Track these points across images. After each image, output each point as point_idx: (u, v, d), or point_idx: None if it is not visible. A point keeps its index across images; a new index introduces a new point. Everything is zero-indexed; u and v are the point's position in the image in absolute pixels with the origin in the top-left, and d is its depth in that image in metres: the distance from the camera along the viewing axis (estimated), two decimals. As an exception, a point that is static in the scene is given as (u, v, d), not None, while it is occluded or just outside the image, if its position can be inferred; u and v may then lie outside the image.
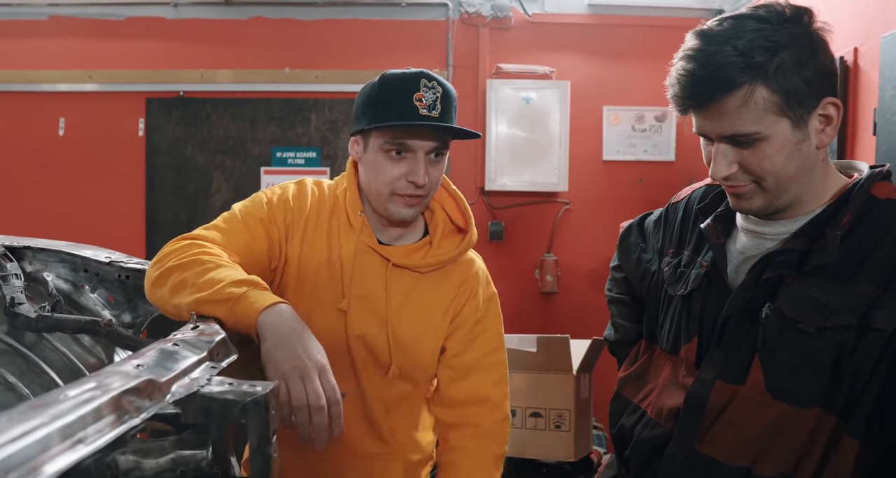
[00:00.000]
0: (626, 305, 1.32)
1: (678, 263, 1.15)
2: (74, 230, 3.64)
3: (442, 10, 3.62)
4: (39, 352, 1.33)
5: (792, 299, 0.95)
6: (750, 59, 0.92)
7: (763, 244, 1.03)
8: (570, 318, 3.61)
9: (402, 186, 1.22)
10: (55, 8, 3.69)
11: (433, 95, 1.19)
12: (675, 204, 1.24)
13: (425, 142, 1.20)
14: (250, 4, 3.65)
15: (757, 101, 0.92)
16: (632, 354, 1.28)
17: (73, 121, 3.72)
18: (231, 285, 1.06)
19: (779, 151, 0.95)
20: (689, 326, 1.08)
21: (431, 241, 1.32)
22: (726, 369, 1.00)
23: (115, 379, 0.69)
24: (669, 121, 3.61)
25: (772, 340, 0.96)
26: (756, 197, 0.99)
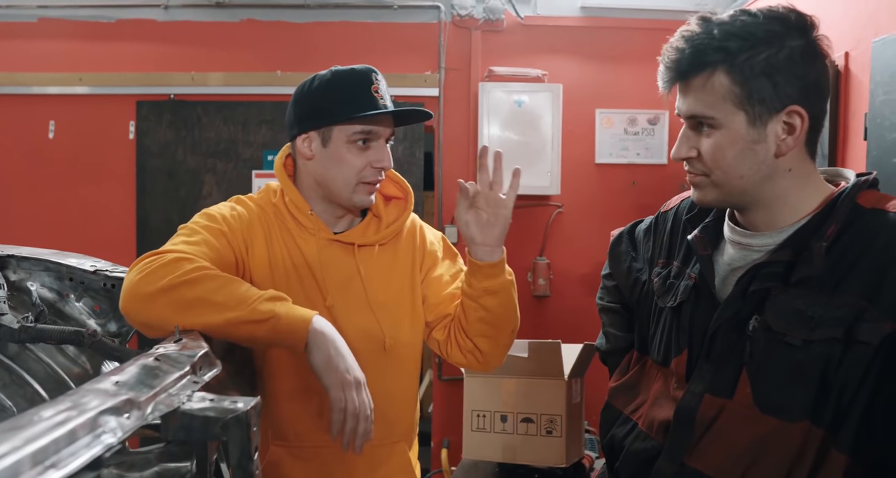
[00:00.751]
0: (618, 313, 1.32)
1: (667, 274, 1.14)
2: (64, 233, 3.63)
3: (434, 12, 3.61)
4: (23, 363, 1.32)
5: (778, 312, 0.95)
6: (722, 43, 0.95)
7: (750, 256, 1.02)
8: (562, 321, 3.60)
9: (369, 174, 1.31)
10: (44, 10, 3.66)
11: (383, 86, 1.34)
12: (664, 213, 1.23)
13: (387, 129, 1.34)
14: (241, 7, 3.63)
15: (716, 86, 0.95)
16: (623, 363, 1.27)
17: (63, 123, 3.70)
18: (265, 302, 1.10)
19: (731, 145, 0.96)
20: (680, 339, 1.07)
21: (376, 214, 1.41)
22: (715, 383, 1.00)
23: (91, 398, 0.68)
24: (662, 124, 3.61)
25: (759, 354, 0.96)
26: (706, 189, 1.02)
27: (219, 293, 1.09)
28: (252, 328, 1.09)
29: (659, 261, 1.19)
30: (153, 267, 1.10)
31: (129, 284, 1.10)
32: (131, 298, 1.09)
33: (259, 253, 1.29)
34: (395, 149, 3.89)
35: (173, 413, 0.76)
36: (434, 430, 3.60)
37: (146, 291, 1.08)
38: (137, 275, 1.10)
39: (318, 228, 1.33)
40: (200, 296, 1.08)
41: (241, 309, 1.08)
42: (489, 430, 2.52)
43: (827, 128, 2.36)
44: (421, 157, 3.64)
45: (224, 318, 1.07)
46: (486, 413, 2.50)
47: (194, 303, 1.07)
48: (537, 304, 3.65)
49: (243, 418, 0.75)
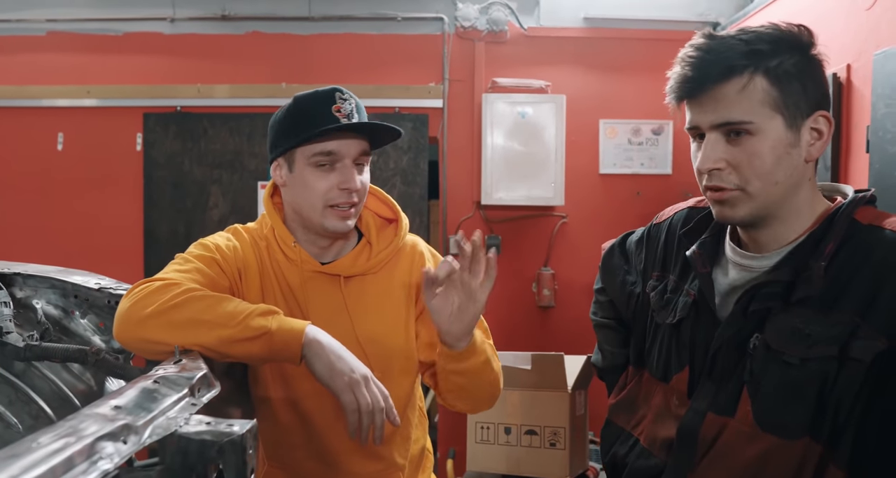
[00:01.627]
0: (613, 329, 1.32)
1: (664, 288, 1.14)
2: (73, 244, 3.67)
3: (437, 24, 3.64)
4: (28, 380, 1.33)
5: (778, 331, 0.95)
6: (753, 46, 0.94)
7: (750, 276, 1.02)
8: (567, 332, 3.60)
9: (336, 196, 1.26)
10: (53, 23, 3.71)
11: (349, 105, 1.25)
12: (657, 225, 1.23)
13: (351, 148, 1.26)
14: (247, 19, 3.66)
15: (755, 90, 0.94)
16: (620, 380, 1.27)
17: (72, 135, 3.74)
18: (257, 318, 1.10)
19: (770, 150, 0.95)
20: (680, 356, 1.08)
21: (369, 240, 1.36)
22: (717, 401, 1.00)
23: (90, 424, 0.69)
24: (666, 134, 3.62)
25: (759, 372, 0.96)
26: (741, 204, 0.98)
27: (208, 312, 1.10)
28: (247, 346, 1.09)
29: (654, 273, 1.19)
30: (143, 294, 1.12)
31: (120, 313, 1.12)
32: (124, 326, 1.11)
33: (252, 283, 1.30)
34: (399, 159, 3.91)
35: (171, 437, 0.77)
36: (440, 440, 3.60)
37: (137, 318, 1.10)
38: (128, 303, 1.12)
39: (302, 260, 1.31)
40: (190, 317, 1.09)
41: (233, 327, 1.09)
42: (493, 442, 2.53)
43: (830, 141, 2.37)
44: (425, 167, 3.65)
45: (216, 336, 1.08)
46: (490, 425, 2.51)
47: (185, 324, 1.09)
48: (542, 314, 3.65)
49: (238, 442, 0.76)
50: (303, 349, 1.11)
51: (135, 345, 1.11)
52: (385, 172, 3.64)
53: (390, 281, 1.36)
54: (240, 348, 1.09)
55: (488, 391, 1.34)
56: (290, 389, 1.31)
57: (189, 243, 1.34)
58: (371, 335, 1.31)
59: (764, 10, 3.01)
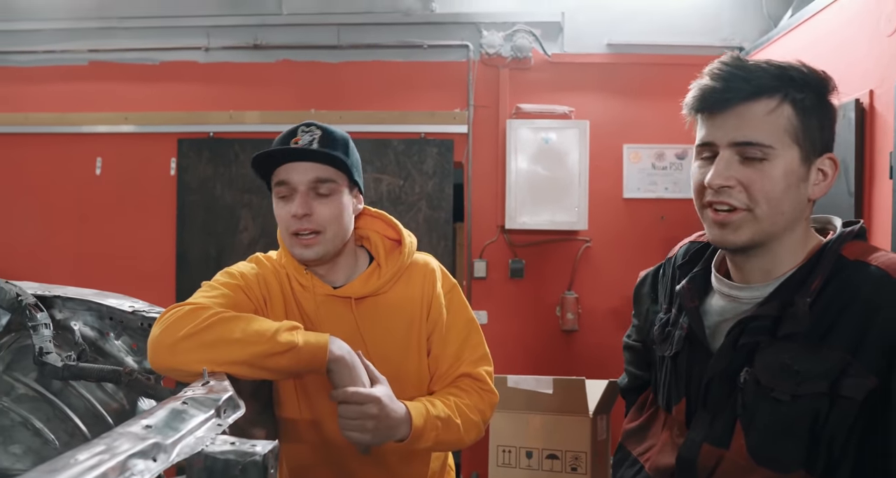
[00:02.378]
0: (637, 352, 1.33)
1: (666, 321, 1.16)
2: (108, 265, 3.78)
3: (463, 51, 3.71)
4: (65, 398, 1.40)
5: (767, 366, 0.95)
6: (785, 72, 0.94)
7: (739, 307, 1.03)
8: (591, 356, 3.60)
9: (292, 225, 1.29)
10: (95, 54, 3.87)
11: (309, 137, 1.27)
12: (669, 259, 1.24)
13: (303, 175, 1.27)
14: (278, 48, 3.78)
15: (781, 116, 0.93)
16: (639, 402, 1.28)
17: (110, 160, 3.88)
18: (284, 333, 1.15)
19: (782, 177, 0.94)
20: (678, 387, 1.09)
21: (379, 262, 1.39)
22: (713, 432, 1.01)
23: (123, 441, 0.74)
24: (690, 158, 3.62)
25: (751, 406, 0.96)
26: (744, 227, 0.97)
27: (238, 331, 1.15)
28: (277, 360, 1.15)
29: (664, 307, 1.21)
30: (173, 319, 1.17)
31: (152, 339, 1.17)
32: (156, 350, 1.16)
33: (278, 310, 1.34)
34: (425, 184, 3.97)
35: (197, 455, 0.81)
36: (462, 463, 3.60)
37: (169, 342, 1.14)
38: (160, 328, 1.17)
39: (314, 285, 1.35)
40: (221, 336, 1.14)
41: (263, 343, 1.14)
42: (515, 465, 2.53)
43: (853, 166, 2.36)
44: (450, 192, 3.71)
45: (249, 353, 1.13)
46: (512, 449, 2.52)
47: (216, 343, 1.14)
48: (566, 338, 3.66)
49: (261, 462, 0.80)
50: (328, 364, 1.17)
51: (168, 368, 1.16)
52: (411, 196, 3.70)
53: (402, 301, 1.38)
54: (271, 363, 1.14)
55: (457, 445, 1.36)
56: (313, 410, 1.35)
57: (220, 266, 1.39)
58: (383, 355, 1.34)
59: (788, 35, 3.02)
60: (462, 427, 1.32)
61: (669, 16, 3.67)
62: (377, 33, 3.74)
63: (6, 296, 1.38)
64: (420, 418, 1.24)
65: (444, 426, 1.29)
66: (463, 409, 1.34)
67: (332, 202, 1.30)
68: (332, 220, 1.30)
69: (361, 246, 1.46)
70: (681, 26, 3.66)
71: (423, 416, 1.25)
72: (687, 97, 1.00)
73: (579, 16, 3.69)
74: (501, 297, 3.67)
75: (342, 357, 1.18)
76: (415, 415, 1.23)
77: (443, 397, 1.35)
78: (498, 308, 3.66)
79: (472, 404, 1.37)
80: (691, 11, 3.67)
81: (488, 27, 3.69)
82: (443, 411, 1.30)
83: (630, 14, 3.68)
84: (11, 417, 1.35)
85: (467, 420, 1.34)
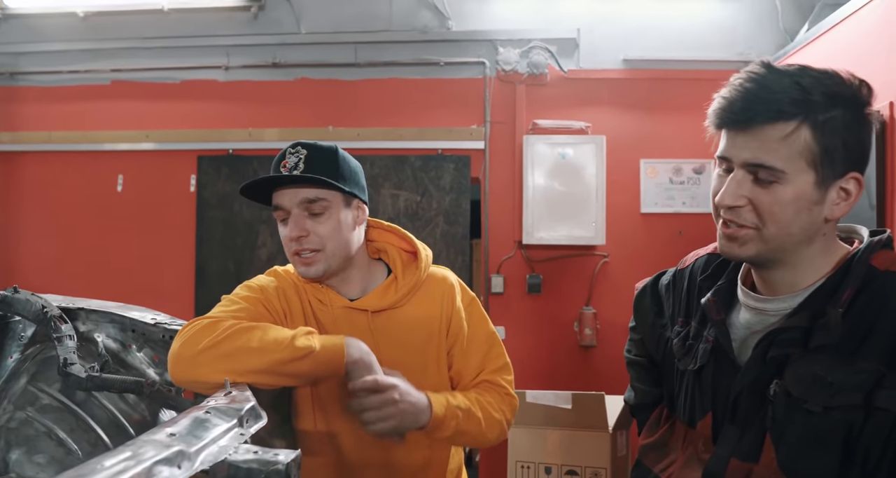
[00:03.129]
0: (644, 367, 1.32)
1: (686, 334, 1.14)
2: (129, 280, 3.82)
3: (479, 68, 3.74)
4: (88, 409, 1.41)
5: (798, 378, 0.94)
6: (808, 95, 0.91)
7: (767, 320, 1.02)
8: (609, 372, 3.57)
9: (292, 246, 1.33)
10: (117, 73, 3.94)
11: (295, 159, 1.31)
12: (681, 271, 1.23)
13: (292, 199, 1.31)
14: (296, 66, 3.83)
15: (797, 142, 0.91)
16: (653, 418, 1.26)
17: (131, 177, 3.94)
18: (301, 338, 1.17)
19: (792, 202, 0.93)
20: (703, 402, 1.07)
21: (396, 275, 1.41)
22: (740, 447, 0.99)
23: (148, 449, 0.75)
24: (708, 173, 3.61)
25: (781, 419, 0.95)
26: (751, 244, 0.97)
27: (255, 341, 1.16)
28: (296, 365, 1.16)
29: (679, 320, 1.18)
30: (192, 332, 1.19)
31: (172, 353, 1.19)
32: (177, 364, 1.17)
33: (298, 322, 1.36)
34: (442, 200, 3.98)
35: (220, 464, 0.82)
36: (480, 480, 3.58)
37: (188, 355, 1.16)
38: (179, 342, 1.19)
39: (330, 299, 1.37)
40: (240, 346, 1.16)
41: (282, 350, 1.15)
42: (533, 482, 2.51)
43: (874, 179, 2.35)
44: (467, 207, 3.72)
45: (268, 360, 1.15)
46: (531, 464, 2.50)
47: (236, 353, 1.15)
48: (584, 354, 3.63)
49: (283, 471, 0.81)
50: (346, 366, 1.20)
51: (189, 381, 1.17)
52: (428, 212, 3.72)
53: (420, 315, 1.39)
54: (291, 369, 1.16)
55: (483, 441, 1.38)
56: (329, 423, 1.36)
57: (238, 281, 1.41)
58: (398, 367, 1.34)
59: (805, 49, 3.02)
60: (483, 421, 1.34)
61: (685, 31, 3.68)
62: (394, 51, 3.78)
63: (32, 308, 1.41)
64: (441, 407, 1.27)
65: (465, 416, 1.31)
66: (484, 404, 1.37)
67: (327, 220, 1.32)
68: (329, 236, 1.32)
69: (379, 259, 1.47)
70: (696, 41, 3.67)
71: (444, 405, 1.28)
72: (710, 108, 1.00)
73: (595, 32, 3.71)
74: (519, 312, 3.67)
75: (360, 358, 1.21)
76: (435, 403, 1.26)
77: (464, 393, 1.38)
78: (515, 324, 3.65)
79: (494, 401, 1.39)
80: (706, 26, 3.68)
81: (504, 44, 3.72)
82: (463, 403, 1.32)
83: (645, 29, 3.70)
84: (36, 427, 1.36)
85: (489, 416, 1.36)
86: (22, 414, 1.38)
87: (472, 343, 1.43)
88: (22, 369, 1.44)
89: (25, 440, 1.35)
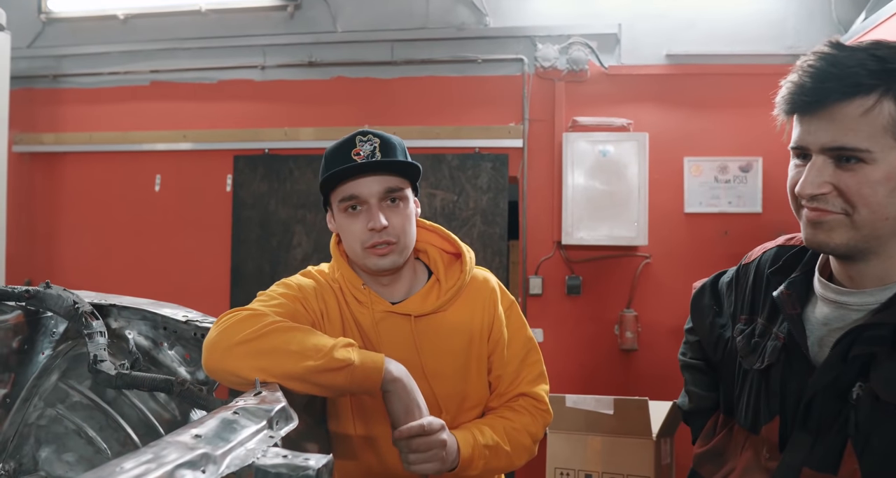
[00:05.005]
0: (701, 371, 1.24)
1: (752, 332, 1.06)
2: (165, 279, 3.85)
3: (517, 65, 3.67)
4: (118, 407, 1.38)
5: (887, 380, 0.86)
6: (887, 64, 0.84)
7: (848, 315, 0.93)
8: (651, 376, 3.46)
9: (368, 238, 1.27)
10: (156, 74, 3.97)
11: (370, 146, 1.25)
12: (745, 265, 1.15)
13: (373, 188, 1.25)
14: (332, 65, 3.81)
15: (880, 115, 0.84)
16: (708, 426, 1.19)
17: (168, 177, 3.96)
18: (341, 349, 1.12)
19: (884, 181, 0.85)
20: (770, 404, 0.99)
21: (438, 277, 1.36)
22: (815, 456, 0.91)
23: (171, 451, 0.70)
24: (755, 171, 3.48)
25: (866, 425, 0.86)
26: (839, 230, 0.89)
27: (294, 343, 1.11)
28: (332, 376, 1.10)
29: (742, 317, 1.10)
30: (231, 323, 1.15)
31: (208, 341, 1.15)
32: (211, 353, 1.13)
33: (335, 324, 1.31)
34: (479, 199, 3.93)
35: (248, 468, 0.76)
36: (517, 486, 3.50)
37: (224, 345, 1.12)
38: (216, 331, 1.15)
39: (372, 301, 1.32)
40: (277, 346, 1.11)
41: (319, 358, 1.10)
42: (573, 490, 2.42)
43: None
44: (505, 207, 3.64)
45: (303, 367, 1.09)
46: (570, 471, 2.41)
47: (271, 353, 1.10)
48: (624, 358, 3.53)
49: (313, 477, 0.75)
50: (384, 384, 1.13)
51: (220, 370, 1.13)
52: (465, 211, 3.65)
53: (462, 319, 1.35)
54: (325, 378, 1.10)
55: (508, 469, 1.34)
56: (369, 427, 1.31)
57: (273, 281, 1.37)
58: (439, 373, 1.31)
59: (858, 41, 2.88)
60: (512, 454, 1.31)
61: (731, 24, 3.55)
62: (431, 49, 3.74)
63: (64, 303, 1.38)
64: (468, 448, 1.22)
65: (493, 454, 1.27)
66: (513, 434, 1.32)
67: (403, 211, 1.29)
68: (404, 228, 1.29)
69: (418, 259, 1.42)
70: (743, 34, 3.54)
71: (471, 445, 1.23)
72: (778, 95, 0.92)
73: (636, 27, 3.61)
74: (558, 314, 3.58)
75: (400, 378, 1.15)
76: (462, 445, 1.22)
77: (492, 421, 1.32)
78: (554, 326, 3.56)
79: (523, 426, 1.34)
80: (754, 18, 3.54)
81: (543, 40, 3.65)
82: (491, 439, 1.27)
83: (689, 23, 3.58)
84: (66, 424, 1.33)
85: (517, 445, 1.32)
86: (52, 411, 1.36)
87: (511, 348, 1.39)
88: (53, 365, 1.42)
89: (55, 438, 1.33)
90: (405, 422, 1.13)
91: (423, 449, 1.13)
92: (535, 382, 1.39)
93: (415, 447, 1.13)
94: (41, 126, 4.10)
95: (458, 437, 1.22)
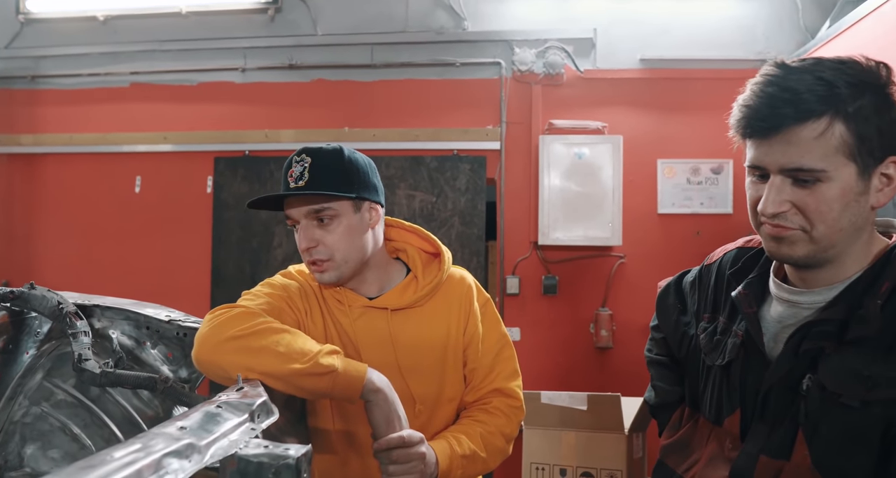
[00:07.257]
0: (666, 367, 1.30)
1: (714, 329, 1.12)
2: (146, 280, 3.85)
3: (495, 68, 3.73)
4: (102, 405, 1.41)
5: (833, 371, 0.91)
6: (834, 89, 0.88)
7: (800, 313, 0.99)
8: (625, 373, 3.54)
9: (306, 256, 1.33)
10: (136, 76, 3.98)
11: (300, 168, 1.29)
12: (708, 266, 1.21)
13: (299, 208, 1.30)
14: (312, 68, 3.85)
15: (832, 138, 0.88)
16: (674, 419, 1.24)
17: (149, 179, 3.97)
18: (326, 356, 1.16)
19: (839, 198, 0.90)
20: (731, 398, 1.05)
21: (416, 274, 1.41)
22: (771, 444, 0.96)
23: (158, 441, 0.74)
24: (726, 173, 3.57)
25: (815, 415, 0.92)
26: (800, 244, 0.94)
27: (282, 345, 1.15)
28: (315, 381, 1.15)
29: (704, 315, 1.16)
30: (223, 318, 1.19)
31: (199, 334, 1.18)
32: (201, 346, 1.17)
33: (317, 321, 1.35)
34: (457, 201, 3.97)
35: (231, 458, 0.81)
36: (495, 482, 3.56)
37: (215, 340, 1.16)
38: (208, 326, 1.18)
39: (350, 300, 1.36)
40: (265, 346, 1.15)
41: (305, 362, 1.14)
42: (549, 484, 2.48)
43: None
44: (483, 208, 3.70)
45: (288, 368, 1.13)
46: (546, 466, 2.47)
47: (259, 352, 1.14)
48: (600, 355, 3.60)
49: (294, 466, 0.80)
50: (365, 394, 1.18)
51: (208, 364, 1.17)
52: (443, 212, 3.71)
53: (438, 314, 1.39)
54: (307, 382, 1.15)
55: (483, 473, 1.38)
56: (348, 424, 1.35)
57: (254, 282, 1.41)
58: (416, 366, 1.34)
59: (826, 46, 2.98)
60: (488, 458, 1.35)
61: (703, 30, 3.65)
62: (410, 52, 3.79)
63: (48, 304, 1.41)
64: (445, 459, 1.26)
65: (469, 463, 1.31)
66: (489, 438, 1.36)
67: (335, 228, 1.31)
68: (339, 245, 1.31)
69: (398, 258, 1.47)
70: (715, 40, 3.64)
71: (448, 456, 1.27)
72: (731, 117, 0.96)
73: (612, 32, 3.69)
74: (534, 313, 3.64)
75: (382, 389, 1.19)
76: (440, 457, 1.25)
77: (468, 428, 1.36)
78: (531, 325, 3.63)
79: (497, 428, 1.38)
80: (725, 25, 3.64)
81: (520, 44, 3.71)
82: (468, 448, 1.31)
83: (663, 29, 3.67)
84: (50, 422, 1.37)
85: (493, 449, 1.36)
86: (37, 409, 1.39)
87: (486, 343, 1.43)
88: (38, 364, 1.45)
89: (40, 435, 1.36)
90: (386, 433, 1.17)
91: (402, 461, 1.17)
92: (510, 378, 1.43)
93: (394, 459, 1.16)
94: (19, 127, 4.09)
95: (436, 448, 1.25)
